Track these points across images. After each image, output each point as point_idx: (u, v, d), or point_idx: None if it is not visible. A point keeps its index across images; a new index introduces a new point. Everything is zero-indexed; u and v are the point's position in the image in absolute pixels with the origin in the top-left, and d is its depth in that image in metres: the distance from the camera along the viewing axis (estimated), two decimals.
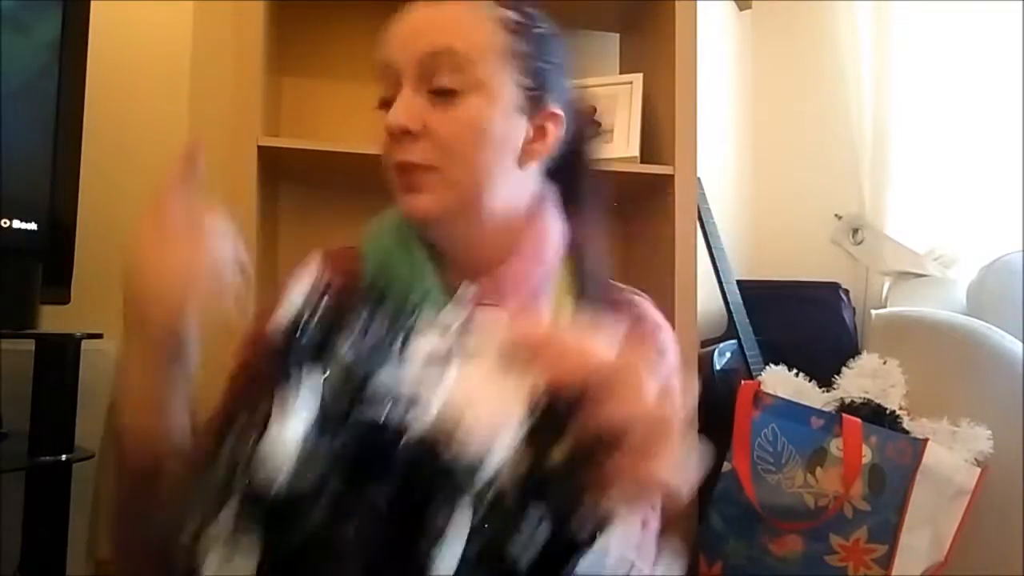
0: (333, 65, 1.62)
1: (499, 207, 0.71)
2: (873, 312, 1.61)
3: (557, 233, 0.75)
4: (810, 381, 1.43)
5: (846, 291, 1.84)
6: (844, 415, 1.31)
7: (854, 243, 1.92)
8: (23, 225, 1.18)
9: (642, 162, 1.53)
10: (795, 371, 1.43)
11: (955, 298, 1.72)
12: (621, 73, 1.76)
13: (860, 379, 1.39)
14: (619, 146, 1.54)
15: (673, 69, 1.51)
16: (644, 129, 1.55)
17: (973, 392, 1.38)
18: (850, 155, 1.91)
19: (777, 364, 1.45)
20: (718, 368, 1.60)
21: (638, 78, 1.61)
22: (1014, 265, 1.60)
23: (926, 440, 1.26)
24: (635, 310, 0.78)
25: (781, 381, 1.41)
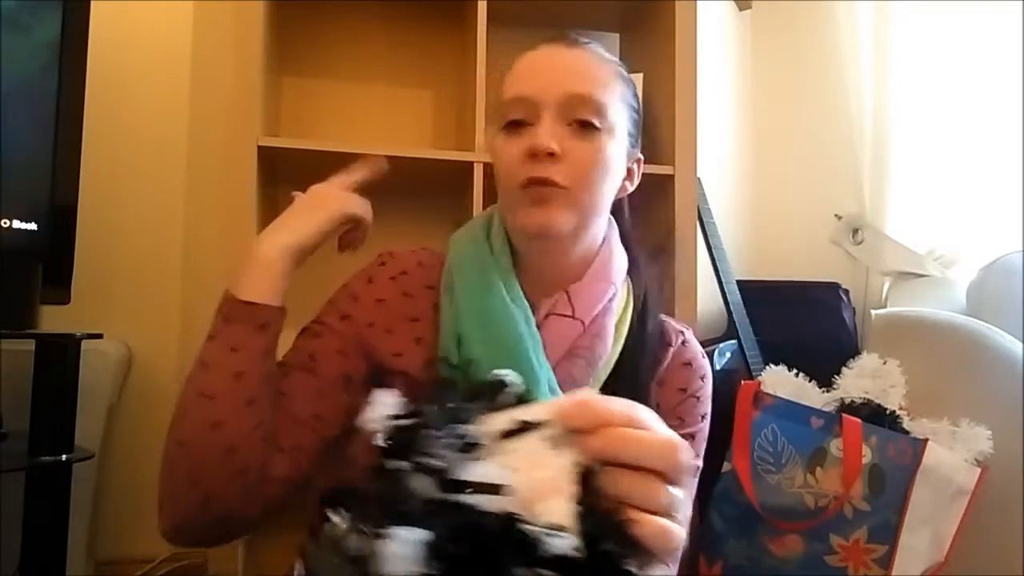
0: (333, 65, 1.62)
1: (593, 232, 0.81)
2: (873, 312, 1.61)
3: (622, 259, 0.85)
4: (810, 381, 1.43)
5: (846, 291, 1.84)
6: (844, 415, 1.31)
7: (854, 243, 1.92)
8: (23, 225, 1.18)
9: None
10: (795, 371, 1.43)
11: (955, 298, 1.72)
12: None
13: (860, 379, 1.39)
14: None
15: (673, 69, 1.51)
16: (644, 129, 1.55)
17: (973, 392, 1.37)
18: (850, 155, 1.91)
19: (777, 364, 1.45)
20: (718, 368, 1.60)
21: (638, 78, 1.61)
22: (1014, 265, 1.60)
23: (926, 440, 1.26)
24: (681, 337, 0.86)
25: (781, 381, 1.41)
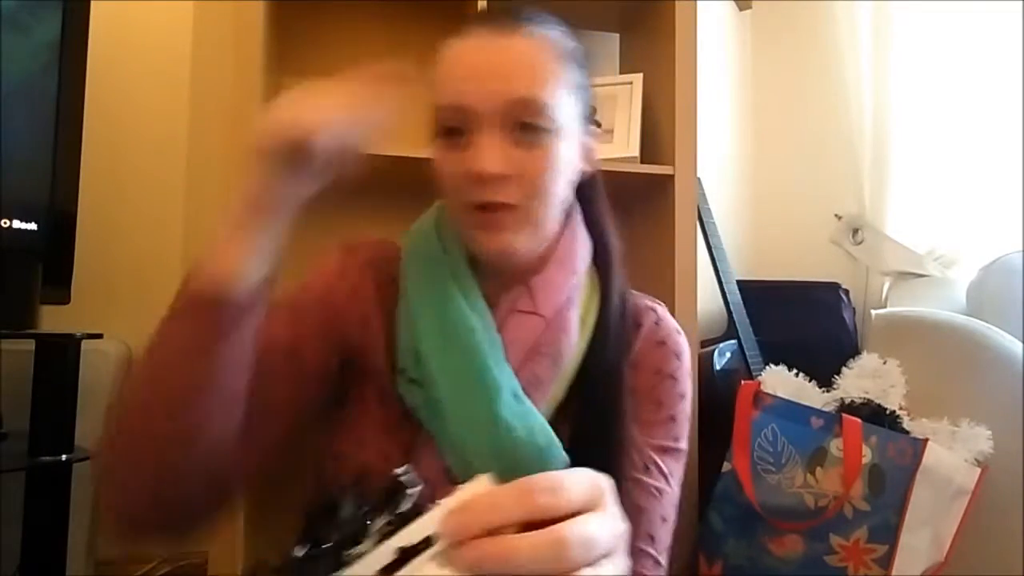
0: (333, 65, 1.62)
1: (553, 225, 0.75)
2: (873, 312, 1.61)
3: (584, 243, 0.79)
4: (810, 381, 1.43)
5: (846, 291, 1.84)
6: (844, 415, 1.31)
7: (854, 243, 1.92)
8: (23, 225, 1.18)
9: (642, 162, 1.53)
10: (795, 371, 1.43)
11: (955, 298, 1.72)
12: (621, 73, 1.77)
13: (860, 379, 1.39)
14: (619, 146, 1.54)
15: (673, 69, 1.51)
16: (644, 129, 1.55)
17: (973, 392, 1.37)
18: (850, 155, 1.91)
19: (777, 364, 1.45)
20: (718, 368, 1.60)
21: (638, 78, 1.61)
22: (1014, 265, 1.60)
23: (926, 440, 1.26)
24: (653, 315, 0.82)
25: (781, 381, 1.41)
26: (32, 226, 1.19)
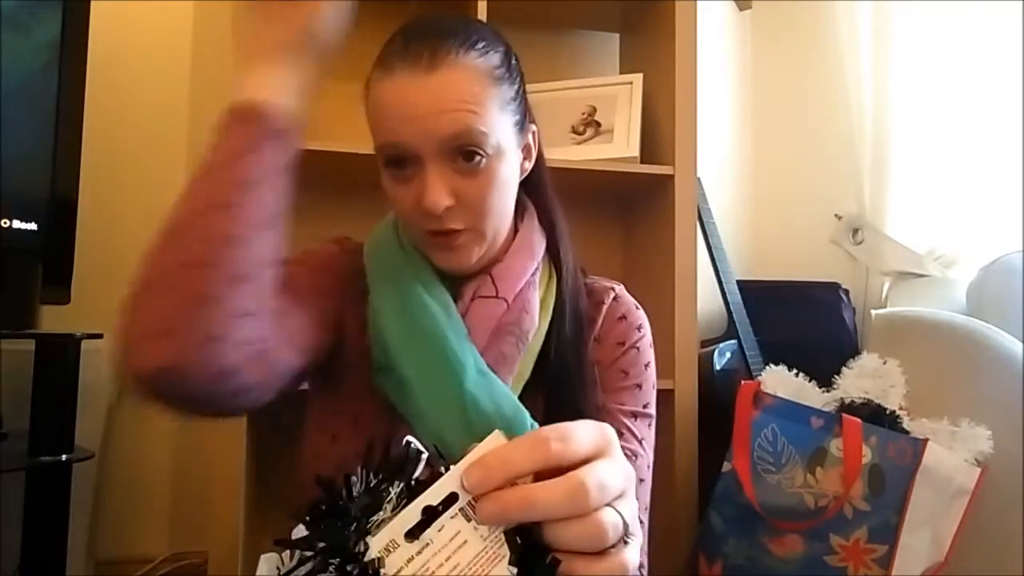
0: (333, 65, 1.62)
1: (504, 229, 0.79)
2: (873, 312, 1.61)
3: (538, 231, 0.84)
4: (810, 381, 1.42)
5: (846, 291, 1.84)
6: (844, 415, 1.31)
7: (854, 243, 1.92)
8: (23, 225, 1.18)
9: (642, 162, 1.53)
10: (795, 371, 1.43)
11: (955, 298, 1.72)
12: (621, 73, 1.77)
13: (860, 379, 1.39)
14: (619, 146, 1.54)
15: (673, 69, 1.51)
16: (644, 129, 1.55)
17: (973, 392, 1.37)
18: (850, 155, 1.91)
19: (777, 364, 1.45)
20: (718, 368, 1.60)
21: (638, 78, 1.61)
22: (1014, 265, 1.60)
23: (926, 440, 1.26)
24: (612, 293, 0.86)
25: (781, 381, 1.41)
26: (32, 226, 1.20)
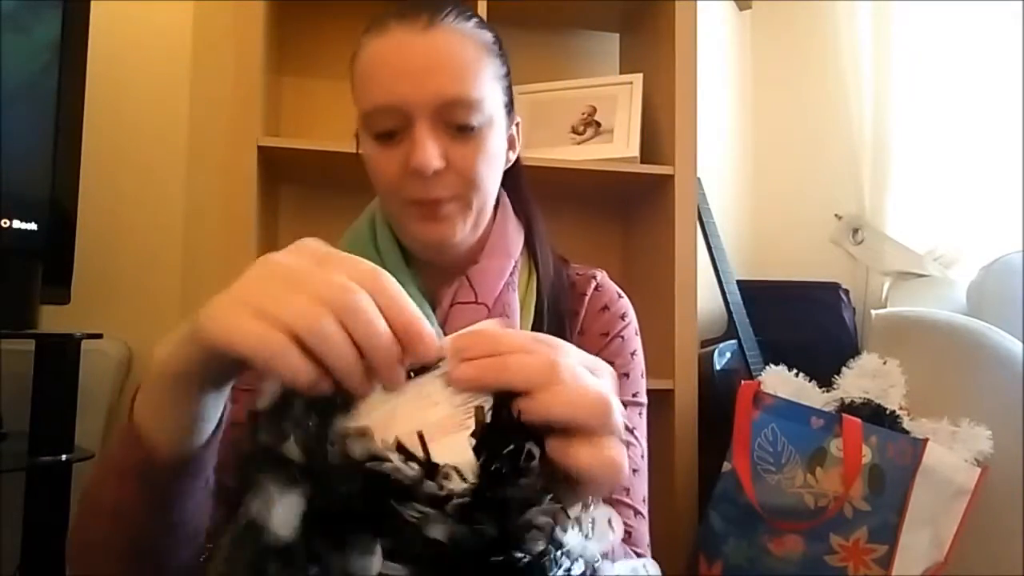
0: (333, 65, 1.62)
1: (488, 214, 0.77)
2: (873, 312, 1.61)
3: (516, 228, 0.82)
4: (810, 381, 1.42)
5: (846, 291, 1.84)
6: (844, 415, 1.31)
7: (854, 243, 1.92)
8: (23, 225, 1.18)
9: (642, 162, 1.53)
10: (795, 371, 1.43)
11: (955, 298, 1.72)
12: (621, 73, 1.77)
13: (860, 379, 1.39)
14: (619, 146, 1.54)
15: (673, 69, 1.51)
16: (644, 129, 1.55)
17: (973, 392, 1.37)
18: (850, 155, 1.91)
19: (777, 364, 1.45)
20: (718, 368, 1.60)
21: (638, 78, 1.61)
22: (1014, 265, 1.60)
23: (926, 440, 1.26)
24: (593, 283, 0.84)
25: (781, 381, 1.41)
26: (32, 226, 1.19)
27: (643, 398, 0.82)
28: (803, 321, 1.78)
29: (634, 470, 0.77)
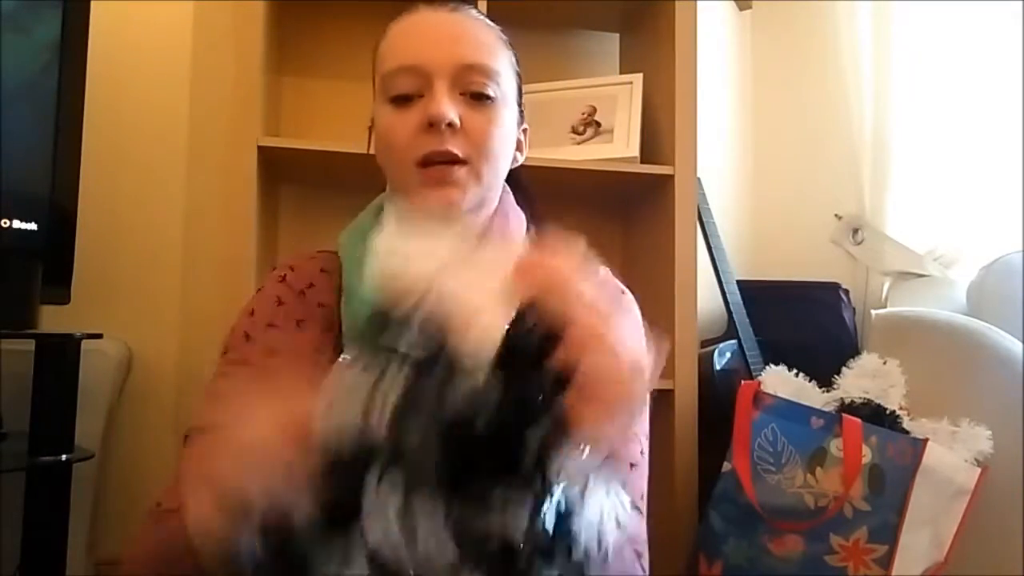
0: (333, 65, 1.62)
1: (492, 199, 0.79)
2: (873, 312, 1.61)
3: (518, 219, 0.83)
4: (810, 381, 1.42)
5: (846, 291, 1.84)
6: (844, 415, 1.31)
7: (854, 243, 1.92)
8: (23, 225, 1.18)
9: (642, 162, 1.53)
10: (795, 371, 1.43)
11: (955, 298, 1.72)
12: (621, 73, 1.77)
13: (860, 379, 1.39)
14: (619, 146, 1.54)
15: (673, 69, 1.51)
16: (644, 129, 1.55)
17: (973, 392, 1.37)
18: (850, 155, 1.91)
19: (777, 364, 1.45)
20: (718, 368, 1.60)
21: (638, 78, 1.61)
22: (1014, 265, 1.60)
23: (926, 440, 1.26)
24: (598, 278, 0.82)
25: (781, 381, 1.41)
26: (32, 226, 1.19)
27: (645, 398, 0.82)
28: (803, 321, 1.78)
29: (632, 464, 0.76)
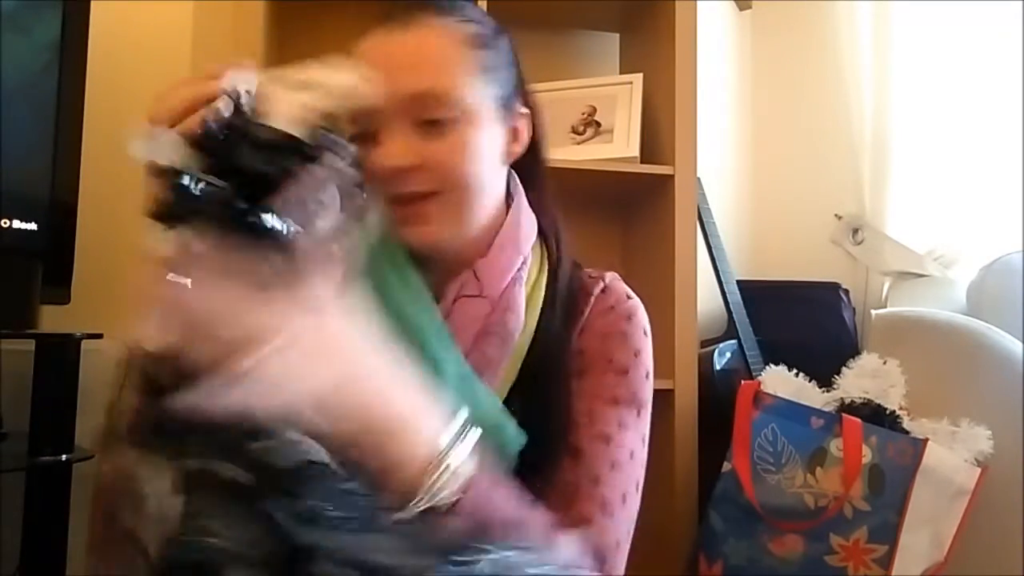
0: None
1: (485, 211, 0.76)
2: (873, 312, 1.61)
3: (529, 221, 0.80)
4: (810, 381, 1.42)
5: (846, 291, 1.84)
6: (844, 415, 1.31)
7: (854, 243, 1.92)
8: (23, 225, 1.18)
9: (642, 162, 1.53)
10: (795, 371, 1.43)
11: (955, 298, 1.72)
12: (621, 73, 1.77)
13: (860, 379, 1.39)
14: (619, 146, 1.54)
15: (673, 69, 1.51)
16: (644, 129, 1.55)
17: (973, 392, 1.37)
18: (850, 155, 1.91)
19: (777, 364, 1.45)
20: (718, 368, 1.60)
21: (638, 78, 1.61)
22: (1014, 265, 1.60)
23: (926, 440, 1.26)
24: (601, 284, 0.82)
25: (781, 381, 1.41)
26: (32, 226, 1.19)
27: (643, 397, 0.80)
28: (803, 321, 1.78)
29: (612, 464, 0.73)
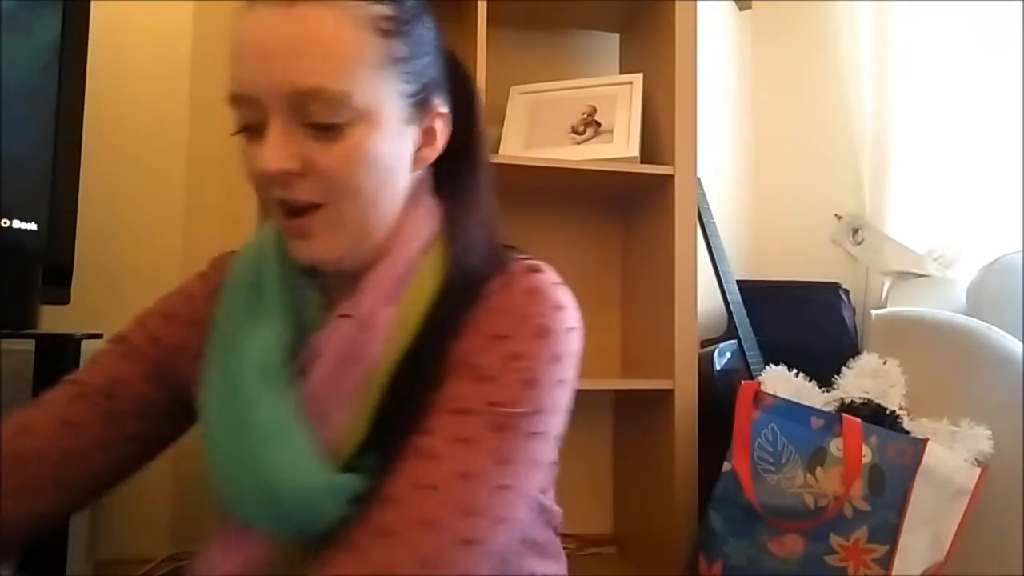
0: None
1: (384, 222, 0.67)
2: (873, 312, 1.60)
3: (426, 223, 0.70)
4: (810, 381, 1.42)
5: (846, 291, 1.84)
6: (844, 415, 1.31)
7: (854, 243, 1.92)
8: (23, 225, 1.18)
9: (642, 162, 1.53)
10: (795, 371, 1.43)
11: (955, 298, 1.72)
12: (621, 73, 1.77)
13: (860, 379, 1.39)
14: (619, 146, 1.54)
15: (673, 69, 1.51)
16: (644, 129, 1.55)
17: (973, 392, 1.37)
18: (850, 155, 1.91)
19: (777, 364, 1.45)
20: (718, 368, 1.60)
21: (638, 78, 1.61)
22: (1014, 265, 1.60)
23: (926, 440, 1.26)
24: (510, 278, 0.68)
25: (781, 381, 1.41)
26: (32, 226, 1.19)
27: (515, 410, 0.63)
28: (803, 321, 1.78)
29: (430, 486, 0.60)
